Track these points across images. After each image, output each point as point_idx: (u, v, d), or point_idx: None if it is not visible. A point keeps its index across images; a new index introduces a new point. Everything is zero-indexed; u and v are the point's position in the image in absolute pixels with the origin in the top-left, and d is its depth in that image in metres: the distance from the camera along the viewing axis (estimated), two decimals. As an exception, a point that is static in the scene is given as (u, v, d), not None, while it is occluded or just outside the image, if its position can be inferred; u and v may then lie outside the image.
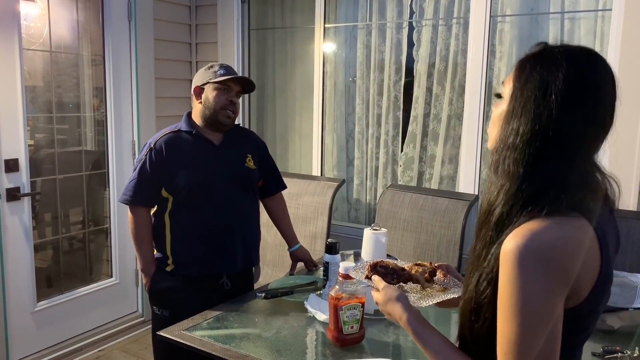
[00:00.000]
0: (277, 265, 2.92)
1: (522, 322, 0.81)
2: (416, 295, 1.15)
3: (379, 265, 1.23)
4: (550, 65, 0.88)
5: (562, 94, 0.85)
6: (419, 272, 1.23)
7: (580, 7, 2.67)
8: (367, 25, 3.28)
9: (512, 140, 0.88)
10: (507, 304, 0.82)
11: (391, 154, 3.30)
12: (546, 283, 0.80)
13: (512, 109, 0.90)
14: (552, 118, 0.85)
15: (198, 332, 1.71)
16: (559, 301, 0.82)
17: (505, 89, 0.95)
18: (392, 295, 1.08)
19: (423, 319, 1.04)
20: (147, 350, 3.17)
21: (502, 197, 0.88)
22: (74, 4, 3.07)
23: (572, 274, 0.82)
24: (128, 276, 3.42)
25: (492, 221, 0.89)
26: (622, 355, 1.54)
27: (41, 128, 3.02)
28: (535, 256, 0.80)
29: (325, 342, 1.68)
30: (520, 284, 0.80)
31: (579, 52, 0.90)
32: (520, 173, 0.86)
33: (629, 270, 2.13)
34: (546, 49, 0.92)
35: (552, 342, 0.82)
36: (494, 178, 0.91)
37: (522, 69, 0.92)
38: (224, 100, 2.09)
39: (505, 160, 0.88)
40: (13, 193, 2.74)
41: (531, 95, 0.87)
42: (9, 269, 2.75)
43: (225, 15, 3.53)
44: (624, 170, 2.39)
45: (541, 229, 0.82)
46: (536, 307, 0.81)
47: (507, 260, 0.82)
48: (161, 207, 2.13)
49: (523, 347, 0.81)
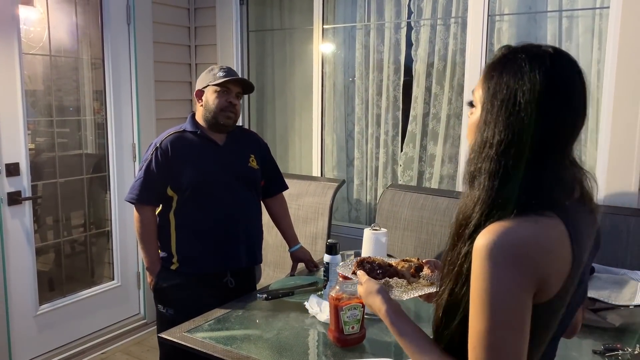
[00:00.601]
0: (278, 266, 2.93)
1: (491, 316, 0.83)
2: (400, 289, 1.19)
3: (366, 262, 1.27)
4: (516, 72, 0.88)
5: (531, 100, 0.86)
6: (405, 267, 1.26)
7: (578, 5, 2.68)
8: (365, 26, 3.29)
9: (487, 152, 0.89)
10: (478, 298, 0.84)
11: (391, 154, 3.31)
12: (515, 278, 0.82)
13: (484, 120, 0.91)
14: (524, 125, 0.86)
15: (199, 333, 1.71)
16: (528, 296, 0.84)
17: (475, 97, 0.96)
18: (373, 288, 1.12)
19: (401, 312, 1.07)
20: (150, 352, 3.18)
21: (478, 209, 0.88)
22: (73, 8, 3.08)
23: (542, 270, 0.84)
24: (130, 279, 3.43)
25: (467, 233, 0.90)
26: (623, 352, 1.54)
27: (42, 132, 3.03)
28: (506, 252, 0.82)
29: (326, 343, 1.68)
30: (490, 279, 0.82)
31: (542, 55, 0.90)
32: (496, 186, 0.87)
33: (630, 267, 2.14)
34: (508, 54, 0.93)
35: (521, 335, 0.84)
36: (469, 190, 0.92)
37: (489, 78, 0.92)
38: (223, 102, 2.12)
39: (480, 172, 0.89)
40: (14, 197, 2.75)
41: (501, 105, 0.88)
42: (10, 273, 2.75)
43: (224, 17, 3.54)
44: (624, 168, 2.39)
45: (512, 226, 0.84)
46: (505, 301, 0.82)
47: (478, 256, 0.84)
48: (166, 205, 2.17)
49: (491, 340, 0.83)
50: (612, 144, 2.41)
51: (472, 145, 0.93)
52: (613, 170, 2.42)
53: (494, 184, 0.87)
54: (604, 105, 2.47)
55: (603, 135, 2.47)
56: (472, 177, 0.91)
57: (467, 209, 0.91)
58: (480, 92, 0.94)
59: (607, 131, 2.43)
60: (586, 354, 1.60)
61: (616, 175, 2.41)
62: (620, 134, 2.39)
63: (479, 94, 0.94)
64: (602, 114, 2.49)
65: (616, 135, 2.40)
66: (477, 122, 0.93)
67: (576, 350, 1.65)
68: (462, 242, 0.91)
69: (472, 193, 0.90)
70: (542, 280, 0.84)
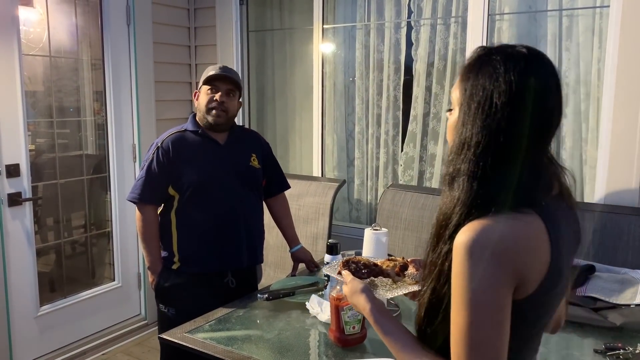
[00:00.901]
0: (279, 267, 2.93)
1: (471, 312, 0.84)
2: (385, 288, 1.22)
3: (351, 262, 1.28)
4: (491, 74, 0.90)
5: (507, 102, 0.88)
6: (390, 267, 1.28)
7: (578, 4, 2.67)
8: (365, 26, 3.29)
9: (465, 153, 0.91)
10: (458, 295, 0.86)
11: (391, 154, 3.31)
12: (494, 274, 0.84)
13: (461, 122, 0.93)
14: (501, 126, 0.88)
15: (200, 334, 1.71)
16: (507, 292, 0.86)
17: (453, 98, 0.98)
18: (357, 287, 1.14)
19: (385, 310, 1.09)
20: (150, 353, 3.18)
21: (458, 209, 0.90)
22: (73, 9, 3.08)
23: (521, 266, 0.86)
24: (130, 279, 3.43)
25: (447, 234, 0.91)
26: (624, 351, 1.54)
27: (42, 133, 3.03)
28: (485, 249, 0.84)
29: (327, 343, 1.68)
30: (470, 276, 0.84)
31: (516, 56, 0.91)
32: (475, 186, 0.89)
33: (631, 267, 2.13)
34: (483, 56, 0.94)
35: (500, 330, 0.85)
36: (448, 191, 0.93)
37: (466, 80, 0.94)
38: (209, 100, 2.13)
39: (459, 173, 0.91)
40: (14, 198, 2.75)
41: (478, 107, 0.90)
42: (11, 274, 2.75)
43: (223, 18, 3.54)
44: (624, 166, 2.38)
45: (491, 223, 0.86)
46: (485, 297, 0.84)
47: (458, 253, 0.86)
48: (167, 205, 2.17)
49: (472, 335, 0.84)
50: (612, 142, 2.41)
51: (451, 146, 0.95)
52: (614, 169, 2.41)
53: (473, 184, 0.89)
54: (605, 104, 2.46)
55: (603, 134, 2.47)
56: (452, 178, 0.93)
57: (446, 209, 0.93)
58: (458, 94, 0.95)
59: (607, 130, 2.43)
60: (587, 353, 1.60)
61: (617, 174, 2.41)
62: (621, 133, 2.38)
63: (456, 95, 0.96)
64: (603, 113, 2.49)
65: (617, 134, 2.40)
66: (456, 123, 0.95)
67: (577, 350, 1.65)
68: (442, 242, 0.93)
69: (452, 194, 0.92)
70: (522, 276, 0.86)
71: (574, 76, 2.70)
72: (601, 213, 2.35)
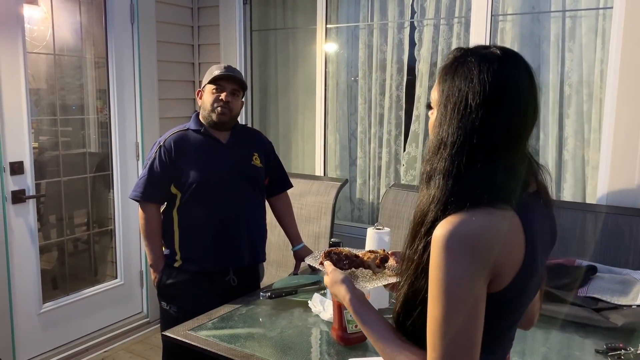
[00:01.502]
0: (281, 265, 2.93)
1: (447, 303, 0.86)
2: (365, 279, 1.24)
3: (333, 253, 1.30)
4: (466, 75, 0.92)
5: (481, 102, 0.90)
6: (371, 258, 1.30)
7: (581, 5, 2.68)
8: (368, 26, 3.29)
9: (441, 153, 0.93)
10: (435, 286, 0.88)
11: (394, 154, 3.31)
12: (469, 267, 0.86)
13: (439, 122, 0.95)
14: (476, 127, 0.90)
15: (203, 331, 1.72)
16: (482, 284, 0.88)
17: (432, 99, 1.00)
18: (338, 278, 1.17)
19: (365, 300, 1.11)
20: (152, 350, 3.19)
21: (433, 207, 0.92)
22: (77, 7, 3.09)
23: (495, 259, 0.87)
24: (133, 277, 3.44)
25: (424, 231, 0.93)
26: (626, 352, 1.54)
27: (45, 130, 3.04)
28: (461, 241, 0.86)
29: (329, 341, 1.69)
30: (446, 267, 0.86)
31: (490, 57, 0.93)
32: (449, 185, 0.91)
33: (632, 267, 2.14)
34: (459, 57, 0.96)
35: (475, 322, 0.87)
36: (425, 189, 0.96)
37: (443, 81, 0.96)
38: (215, 99, 2.15)
39: (436, 171, 0.93)
40: (18, 195, 2.76)
41: (454, 107, 0.92)
42: (14, 271, 2.77)
43: (227, 17, 3.54)
44: (627, 168, 2.39)
45: (468, 217, 0.88)
46: (460, 288, 0.86)
47: (436, 245, 0.88)
48: (170, 203, 2.19)
49: (447, 326, 0.86)
50: (614, 144, 2.41)
51: (429, 145, 0.97)
52: (616, 170, 2.42)
53: (448, 183, 0.91)
54: (607, 105, 2.47)
55: (606, 136, 2.47)
56: (429, 177, 0.95)
57: (423, 206, 0.95)
58: (436, 95, 0.98)
59: (609, 131, 2.43)
60: (589, 353, 1.61)
61: (619, 175, 2.41)
62: (623, 134, 2.39)
63: (435, 96, 0.98)
64: (605, 114, 2.49)
65: (619, 135, 2.40)
66: (433, 123, 0.98)
67: (579, 350, 1.65)
68: (419, 239, 0.94)
69: (428, 192, 0.94)
70: (496, 269, 0.88)
71: (577, 77, 2.70)
72: (603, 214, 2.36)
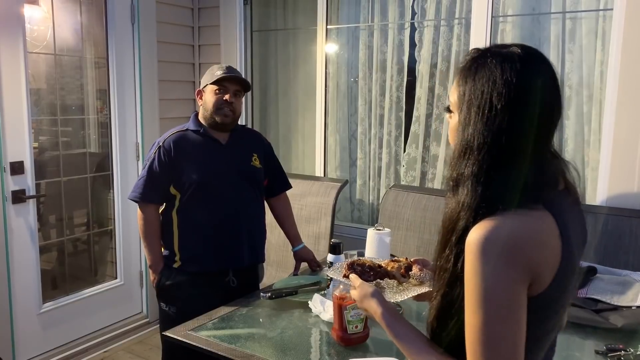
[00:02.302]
0: (281, 266, 2.93)
1: (485, 310, 0.83)
2: (392, 290, 1.21)
3: (356, 264, 1.28)
4: (489, 76, 0.90)
5: (507, 104, 0.88)
6: (395, 268, 1.28)
7: (581, 7, 2.68)
8: (369, 27, 3.29)
9: (468, 157, 0.90)
10: (472, 293, 0.85)
11: (394, 155, 3.31)
12: (507, 271, 0.83)
13: (462, 126, 0.93)
14: (503, 128, 0.88)
15: (203, 332, 1.72)
16: (522, 289, 0.84)
17: (451, 102, 0.98)
18: (368, 291, 1.13)
19: (396, 313, 1.08)
20: (152, 351, 3.19)
21: (464, 214, 0.89)
22: (78, 7, 3.09)
23: (534, 262, 0.85)
24: (133, 277, 3.44)
25: (454, 239, 0.90)
26: (626, 353, 1.55)
27: (45, 130, 3.04)
28: (497, 245, 0.83)
29: (329, 342, 1.69)
30: (483, 273, 0.83)
31: (511, 57, 0.91)
32: (479, 190, 0.88)
33: (632, 269, 2.14)
34: (479, 58, 0.94)
35: (517, 328, 0.84)
36: (453, 196, 0.93)
37: (463, 83, 0.94)
38: (219, 100, 2.14)
39: (463, 176, 0.91)
40: (18, 195, 2.76)
41: (478, 110, 0.90)
42: (14, 271, 2.77)
43: (227, 17, 3.55)
44: (627, 169, 2.39)
45: (502, 220, 0.85)
46: (499, 294, 0.83)
47: (470, 251, 0.85)
48: (169, 204, 2.18)
49: (488, 334, 0.83)
50: (615, 145, 2.42)
51: (454, 150, 0.95)
52: (616, 172, 2.42)
53: (478, 188, 0.89)
54: (607, 107, 2.47)
55: (606, 137, 2.47)
56: (456, 183, 0.92)
57: (452, 214, 0.92)
58: (456, 97, 0.95)
59: (609, 132, 2.43)
60: (589, 354, 1.61)
61: (619, 177, 2.41)
62: (623, 136, 2.39)
63: (454, 98, 0.96)
64: (605, 115, 2.49)
65: (619, 137, 2.40)
66: (457, 127, 0.95)
67: (579, 351, 1.65)
68: (449, 248, 0.92)
69: (457, 198, 0.91)
70: (534, 272, 0.85)
71: (577, 79, 2.71)
72: (603, 215, 2.36)
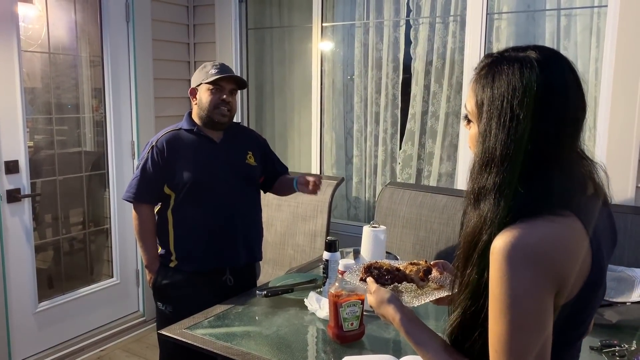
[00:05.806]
0: (277, 264, 2.93)
1: (511, 319, 0.80)
2: (410, 294, 1.15)
3: (373, 267, 1.22)
4: (508, 84, 0.85)
5: (528, 110, 0.83)
6: (414, 271, 1.22)
7: (576, 4, 2.68)
8: (364, 24, 3.29)
9: (490, 167, 0.86)
10: (497, 301, 0.82)
11: (390, 152, 3.32)
12: (534, 279, 0.80)
13: (482, 135, 0.88)
14: (527, 136, 0.83)
15: (199, 330, 1.72)
16: (549, 297, 0.82)
17: (469, 110, 0.93)
18: (384, 297, 1.09)
19: (415, 318, 1.04)
20: (149, 349, 3.19)
21: (486, 229, 0.85)
22: (72, 6, 3.08)
23: (561, 270, 0.82)
24: (129, 276, 3.43)
25: (476, 256, 0.87)
26: (620, 348, 1.55)
27: (40, 129, 3.03)
28: (523, 252, 0.80)
29: (325, 339, 1.69)
30: (509, 281, 0.80)
31: (528, 61, 0.86)
32: (502, 203, 0.84)
33: (627, 265, 2.14)
34: (492, 64, 0.89)
35: (543, 337, 0.81)
36: (473, 209, 0.88)
37: (481, 91, 0.89)
38: (216, 99, 2.13)
39: (485, 189, 0.86)
40: (13, 194, 2.75)
41: (499, 119, 0.85)
42: (10, 270, 2.76)
43: (222, 15, 3.54)
44: (621, 166, 2.40)
45: (529, 226, 0.82)
46: (524, 302, 0.80)
47: (496, 259, 0.82)
48: (164, 203, 2.18)
49: (513, 343, 0.81)
50: (609, 141, 2.42)
51: (474, 162, 0.90)
52: (610, 168, 2.39)
53: (501, 202, 0.84)
54: (602, 103, 2.48)
55: (600, 133, 2.48)
56: (477, 196, 0.88)
57: (475, 229, 0.87)
58: (473, 105, 0.91)
59: (604, 129, 2.44)
60: (584, 350, 1.61)
61: (613, 173, 2.39)
62: (618, 132, 2.40)
63: (472, 106, 0.92)
64: (600, 112, 2.50)
65: (613, 133, 2.41)
66: (476, 136, 0.90)
67: (574, 347, 1.66)
68: (471, 265, 0.88)
69: (479, 212, 0.87)
70: (563, 280, 0.82)
71: (572, 75, 2.71)
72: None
